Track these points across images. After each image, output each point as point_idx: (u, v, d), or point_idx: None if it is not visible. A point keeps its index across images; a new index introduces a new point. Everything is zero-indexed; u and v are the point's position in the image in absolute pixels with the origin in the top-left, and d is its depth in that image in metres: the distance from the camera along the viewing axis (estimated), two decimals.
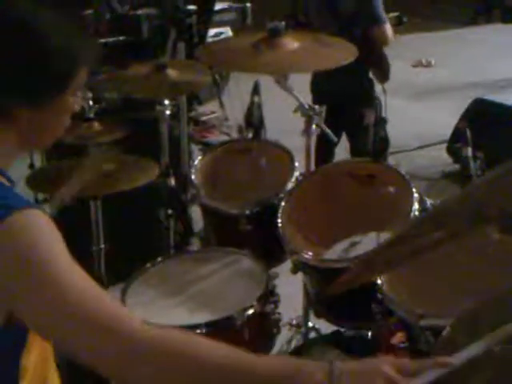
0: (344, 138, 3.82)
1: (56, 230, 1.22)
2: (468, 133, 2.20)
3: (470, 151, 2.20)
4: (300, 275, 2.21)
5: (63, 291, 1.14)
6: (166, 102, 2.74)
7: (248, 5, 6.54)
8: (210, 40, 5.43)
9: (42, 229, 1.20)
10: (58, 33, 1.27)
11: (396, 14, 3.91)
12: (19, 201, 1.23)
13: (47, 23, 1.27)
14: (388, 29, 3.61)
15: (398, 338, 2.00)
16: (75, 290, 1.15)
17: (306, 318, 2.55)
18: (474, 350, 1.19)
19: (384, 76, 3.67)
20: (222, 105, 5.66)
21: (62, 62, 1.27)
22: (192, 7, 3.62)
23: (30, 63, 1.24)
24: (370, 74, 3.72)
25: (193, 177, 2.51)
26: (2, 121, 1.26)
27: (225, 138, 5.05)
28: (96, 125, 2.59)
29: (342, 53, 2.33)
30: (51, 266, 1.16)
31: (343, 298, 2.02)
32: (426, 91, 7.00)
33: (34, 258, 1.16)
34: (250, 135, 2.63)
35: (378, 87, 3.73)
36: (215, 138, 5.50)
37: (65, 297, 1.14)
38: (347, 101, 3.58)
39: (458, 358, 1.17)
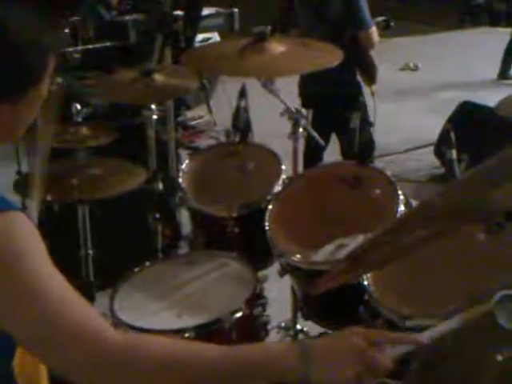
0: (332, 141, 3.83)
1: (38, 235, 1.21)
2: (452, 135, 2.22)
3: (454, 153, 2.21)
4: (288, 278, 2.22)
5: (41, 298, 1.14)
6: (153, 106, 2.75)
7: (235, 10, 6.56)
8: (197, 45, 5.45)
9: (23, 233, 1.19)
10: (23, 28, 1.27)
11: (383, 18, 3.94)
12: (2, 203, 1.22)
13: (11, 21, 1.27)
14: (374, 32, 3.64)
15: None
16: (53, 298, 1.15)
17: (294, 321, 2.56)
18: (441, 328, 1.22)
19: (371, 79, 3.70)
20: (209, 109, 5.68)
21: (33, 55, 1.27)
22: (179, 13, 3.63)
23: (2, 61, 1.25)
24: (358, 77, 3.74)
25: (180, 180, 2.52)
26: None
27: (213, 142, 5.06)
28: (84, 130, 2.60)
29: (327, 56, 2.34)
30: (32, 273, 1.15)
31: (330, 300, 2.04)
32: (413, 94, 7.04)
33: (14, 262, 1.15)
34: (238, 139, 2.64)
35: (366, 90, 3.76)
36: (203, 142, 5.52)
37: (42, 304, 1.14)
38: (333, 104, 3.59)
39: (428, 336, 1.20)
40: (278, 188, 2.37)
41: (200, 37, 5.93)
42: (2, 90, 1.26)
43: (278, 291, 2.43)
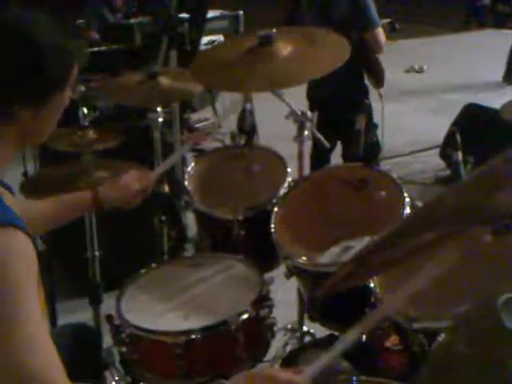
0: (340, 143, 3.83)
1: (31, 257, 1.20)
2: (458, 137, 2.22)
3: (459, 156, 2.21)
4: (294, 280, 2.22)
5: (9, 345, 1.15)
6: (159, 109, 2.76)
7: (240, 12, 6.57)
8: (202, 48, 5.45)
9: (15, 256, 1.17)
10: (50, 33, 1.28)
11: (388, 20, 3.93)
12: (9, 216, 1.21)
13: (39, 25, 1.28)
14: (381, 33, 3.62)
15: (392, 340, 2.02)
16: (20, 345, 1.15)
17: (300, 323, 2.56)
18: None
19: (379, 81, 3.69)
20: (215, 112, 5.68)
21: (58, 61, 1.28)
22: (184, 15, 3.64)
23: (28, 66, 1.25)
24: (365, 80, 3.74)
25: (186, 183, 2.53)
26: (5, 123, 1.28)
27: (218, 144, 5.06)
28: (90, 132, 2.60)
29: (336, 53, 2.28)
30: (8, 314, 1.15)
31: (337, 302, 2.04)
32: (419, 96, 7.04)
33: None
34: (243, 142, 2.65)
35: (373, 93, 3.76)
36: (209, 144, 5.51)
37: (8, 350, 1.15)
38: (339, 106, 3.59)
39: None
40: (283, 190, 2.37)
41: (205, 39, 5.94)
42: (25, 93, 1.26)
43: (284, 293, 2.43)
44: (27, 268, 1.19)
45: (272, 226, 2.21)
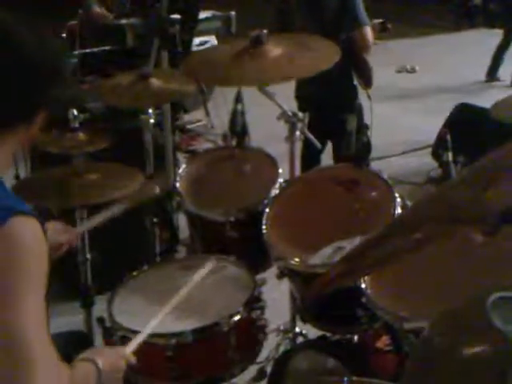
0: (330, 144, 3.84)
1: (44, 245, 1.27)
2: (448, 137, 2.23)
3: (450, 156, 2.22)
4: (286, 281, 2.22)
5: (15, 318, 1.20)
6: (150, 110, 2.75)
7: (232, 13, 6.57)
8: (195, 48, 5.45)
9: (33, 243, 1.24)
10: (41, 48, 1.31)
11: (380, 20, 3.93)
12: (20, 204, 1.28)
13: (28, 38, 1.30)
14: (369, 32, 3.62)
15: (383, 341, 2.03)
16: (22, 337, 1.20)
17: (292, 324, 2.56)
18: None
19: (367, 81, 3.69)
20: (207, 113, 5.68)
21: (50, 76, 1.33)
22: (176, 16, 3.64)
23: (26, 81, 1.30)
24: (355, 81, 3.74)
25: (177, 184, 2.52)
26: (7, 134, 1.33)
27: (210, 145, 5.06)
28: (80, 135, 2.60)
29: (325, 55, 2.31)
30: (12, 304, 1.20)
31: (328, 302, 2.05)
32: (411, 97, 7.05)
33: (11, 272, 1.21)
34: (235, 143, 2.65)
35: (362, 93, 3.76)
36: (201, 146, 5.52)
37: (12, 325, 1.19)
38: (330, 107, 3.59)
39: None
40: (275, 191, 2.37)
41: (197, 40, 5.94)
42: (26, 108, 1.34)
43: (277, 294, 2.43)
44: (43, 256, 1.27)
45: (263, 227, 2.21)
